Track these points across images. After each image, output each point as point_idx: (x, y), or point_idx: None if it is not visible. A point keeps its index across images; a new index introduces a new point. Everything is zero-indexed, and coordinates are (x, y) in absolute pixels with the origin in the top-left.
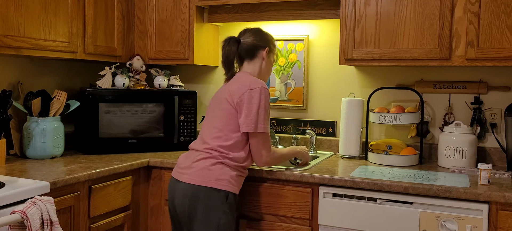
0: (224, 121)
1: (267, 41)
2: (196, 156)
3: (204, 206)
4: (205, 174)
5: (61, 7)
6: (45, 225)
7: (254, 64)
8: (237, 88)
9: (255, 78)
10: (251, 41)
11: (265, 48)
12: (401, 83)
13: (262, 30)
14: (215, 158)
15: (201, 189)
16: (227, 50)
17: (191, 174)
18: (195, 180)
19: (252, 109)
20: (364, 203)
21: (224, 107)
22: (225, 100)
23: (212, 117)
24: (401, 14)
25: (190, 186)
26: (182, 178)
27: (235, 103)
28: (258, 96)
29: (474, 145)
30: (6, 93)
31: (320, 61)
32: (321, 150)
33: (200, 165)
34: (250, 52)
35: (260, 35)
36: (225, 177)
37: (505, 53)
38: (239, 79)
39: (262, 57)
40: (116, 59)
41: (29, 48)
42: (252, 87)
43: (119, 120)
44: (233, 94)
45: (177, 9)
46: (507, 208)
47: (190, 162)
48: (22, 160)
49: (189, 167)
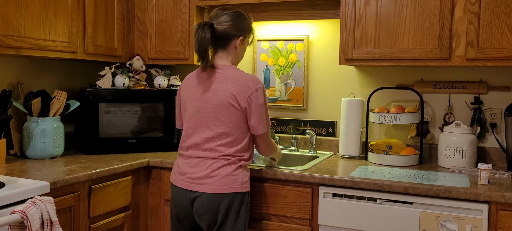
0: (233, 126)
1: (242, 29)
2: (212, 163)
3: (235, 210)
4: (230, 180)
5: (61, 7)
6: (45, 225)
7: (228, 53)
8: (240, 91)
9: (251, 75)
10: (224, 29)
11: (239, 37)
12: (401, 83)
13: (239, 15)
14: (234, 163)
15: (231, 196)
16: (201, 37)
17: (214, 183)
18: (222, 189)
19: (262, 112)
20: (364, 203)
21: (231, 112)
22: (229, 104)
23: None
24: (401, 14)
25: (217, 196)
26: (202, 188)
27: (243, 108)
28: (262, 96)
29: (474, 145)
30: (6, 93)
31: (320, 61)
32: (321, 150)
33: (223, 172)
34: (223, 41)
35: (235, 22)
36: (246, 179)
37: (505, 53)
38: (235, 78)
39: (235, 46)
40: (116, 59)
41: (29, 48)
42: (256, 88)
43: (119, 120)
44: (239, 97)
45: (177, 9)
46: (507, 208)
47: (208, 171)
48: (22, 160)
49: (208, 176)
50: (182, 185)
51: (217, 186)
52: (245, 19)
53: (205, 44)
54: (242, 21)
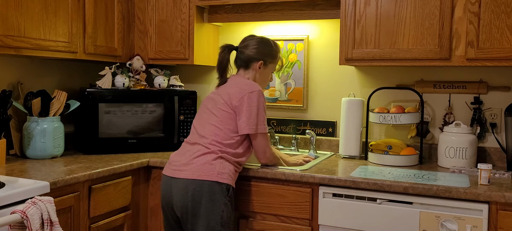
0: (222, 121)
1: (265, 54)
2: (195, 151)
3: (208, 199)
4: (207, 168)
5: (61, 7)
6: (45, 225)
7: (248, 73)
8: (236, 92)
9: (251, 81)
10: (247, 53)
11: (259, 61)
12: (401, 83)
13: (265, 41)
14: (215, 153)
15: (205, 183)
16: (221, 57)
17: (191, 169)
18: (197, 175)
19: (252, 112)
20: (364, 203)
21: (222, 109)
22: (223, 102)
23: (208, 115)
24: (401, 14)
25: (192, 181)
26: (181, 174)
27: (234, 106)
28: (256, 99)
29: (474, 145)
30: (6, 93)
31: (320, 61)
32: (321, 150)
33: (201, 160)
34: (245, 63)
35: (259, 47)
36: (226, 171)
37: (505, 53)
38: (236, 83)
39: (255, 69)
40: (116, 59)
41: (29, 48)
42: (251, 91)
43: (119, 120)
44: (232, 97)
45: (177, 9)
46: (507, 208)
47: (189, 158)
48: (22, 160)
49: (188, 163)
50: (167, 173)
51: (193, 172)
52: (270, 46)
53: (224, 64)
54: (265, 47)
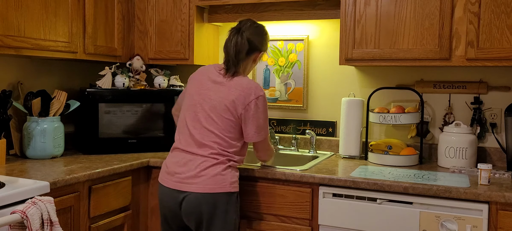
0: (225, 130)
1: (265, 45)
2: (202, 162)
3: (223, 210)
4: (219, 180)
5: (61, 7)
6: (45, 225)
7: (245, 63)
8: (239, 96)
9: (252, 82)
10: (252, 40)
11: (261, 52)
12: (401, 83)
13: (263, 30)
14: (223, 162)
15: (220, 195)
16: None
17: (203, 182)
18: (210, 188)
19: (260, 120)
20: (364, 203)
21: (224, 117)
22: (225, 109)
23: (206, 118)
24: (401, 14)
25: (205, 195)
26: (190, 188)
27: (239, 114)
28: (262, 105)
29: (474, 145)
30: (6, 93)
31: (320, 61)
32: (321, 150)
33: (211, 172)
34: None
35: (261, 36)
36: (235, 179)
37: (505, 53)
38: (237, 84)
39: (254, 59)
40: (116, 59)
41: (29, 48)
42: (257, 96)
43: (119, 120)
44: (237, 105)
45: (177, 9)
46: (507, 208)
47: (197, 170)
48: (22, 160)
49: (196, 175)
50: (170, 185)
51: (205, 185)
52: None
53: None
54: (265, 35)
